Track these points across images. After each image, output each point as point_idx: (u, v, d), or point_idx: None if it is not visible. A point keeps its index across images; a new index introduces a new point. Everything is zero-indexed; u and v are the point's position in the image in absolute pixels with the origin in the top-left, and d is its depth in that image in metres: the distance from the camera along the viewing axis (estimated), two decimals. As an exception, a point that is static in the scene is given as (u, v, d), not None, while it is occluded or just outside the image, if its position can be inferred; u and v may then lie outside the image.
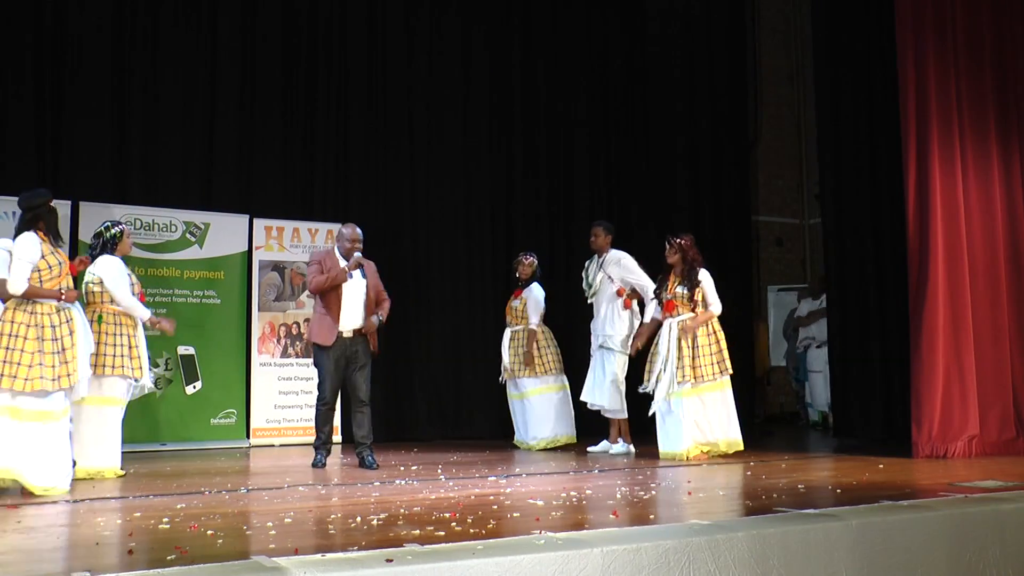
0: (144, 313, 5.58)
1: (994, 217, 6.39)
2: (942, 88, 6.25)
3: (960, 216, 6.20)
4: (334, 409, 6.03)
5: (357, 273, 5.96)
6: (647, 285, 6.69)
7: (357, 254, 5.96)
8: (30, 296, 4.64)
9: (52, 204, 4.88)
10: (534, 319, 7.25)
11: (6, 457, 4.51)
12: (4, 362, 4.52)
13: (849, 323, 7.72)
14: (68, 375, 4.69)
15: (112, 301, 5.43)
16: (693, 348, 6.17)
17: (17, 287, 4.59)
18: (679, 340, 6.19)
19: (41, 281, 4.68)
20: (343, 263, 5.97)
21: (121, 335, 5.42)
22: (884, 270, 7.34)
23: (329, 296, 5.92)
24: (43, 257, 4.69)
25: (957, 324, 6.09)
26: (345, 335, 5.92)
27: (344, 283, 5.90)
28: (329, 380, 5.94)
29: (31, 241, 4.69)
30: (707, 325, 6.24)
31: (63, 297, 4.75)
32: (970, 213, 6.29)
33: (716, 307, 6.30)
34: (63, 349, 4.68)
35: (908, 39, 6.28)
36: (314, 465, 5.93)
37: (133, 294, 5.52)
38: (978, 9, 6.50)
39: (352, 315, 5.95)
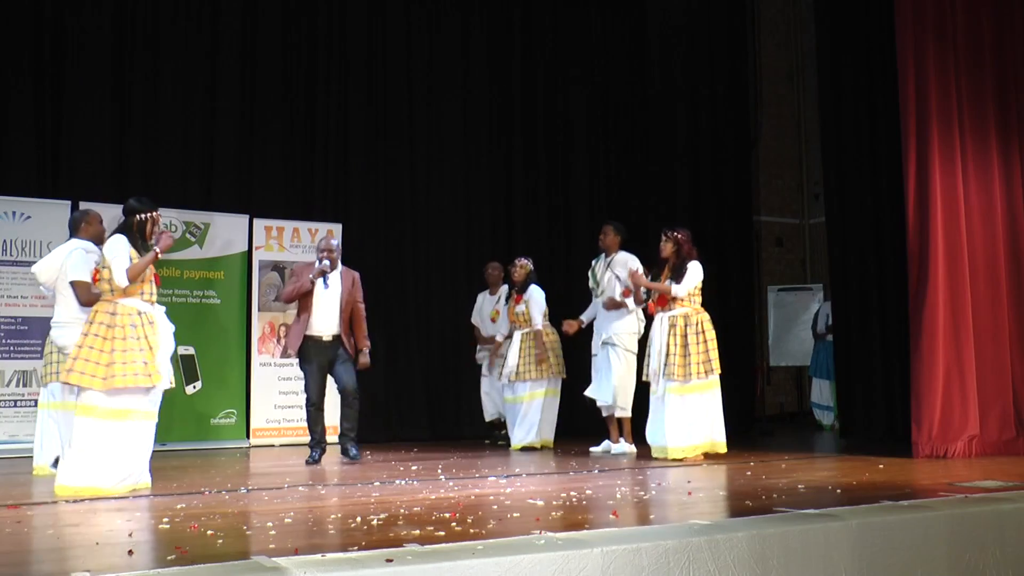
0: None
1: (994, 216, 6.38)
2: (942, 88, 6.24)
3: (960, 216, 6.19)
4: (322, 409, 6.28)
5: (331, 280, 6.25)
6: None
7: (323, 263, 6.23)
8: (133, 275, 4.70)
9: (147, 215, 4.90)
10: (537, 319, 7.23)
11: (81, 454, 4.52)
12: (87, 361, 4.57)
13: (850, 323, 7.71)
14: (155, 372, 4.72)
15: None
16: (683, 347, 6.12)
17: (122, 281, 4.69)
18: (668, 336, 6.16)
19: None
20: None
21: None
22: (885, 270, 7.34)
23: (300, 303, 6.31)
24: (131, 260, 4.77)
25: (957, 324, 6.08)
26: (324, 339, 6.23)
27: (313, 290, 6.21)
28: (311, 381, 6.24)
29: (120, 242, 4.79)
30: (697, 324, 6.15)
31: (158, 253, 4.80)
32: (970, 213, 6.27)
33: (678, 290, 6.13)
34: (149, 348, 4.72)
35: (908, 39, 6.27)
36: (308, 462, 6.14)
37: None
38: (978, 9, 6.49)
39: (324, 320, 6.26)
